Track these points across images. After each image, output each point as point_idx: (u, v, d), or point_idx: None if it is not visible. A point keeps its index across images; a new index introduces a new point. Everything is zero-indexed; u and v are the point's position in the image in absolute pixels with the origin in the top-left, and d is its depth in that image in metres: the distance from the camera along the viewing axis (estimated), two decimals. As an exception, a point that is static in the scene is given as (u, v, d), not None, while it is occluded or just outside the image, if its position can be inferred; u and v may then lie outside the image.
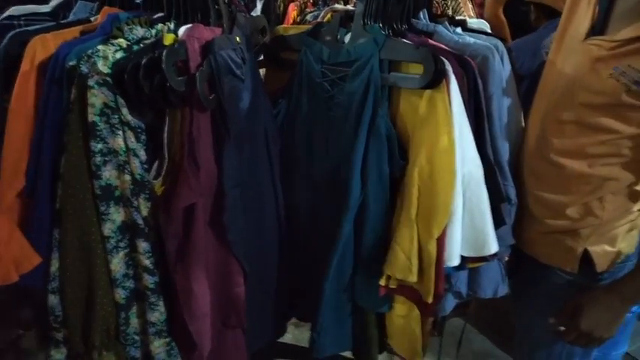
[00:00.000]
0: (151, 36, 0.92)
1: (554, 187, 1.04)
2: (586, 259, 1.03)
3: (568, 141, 1.01)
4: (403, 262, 1.00)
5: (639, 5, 0.91)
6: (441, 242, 0.97)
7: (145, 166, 0.90)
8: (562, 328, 1.03)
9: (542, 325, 1.09)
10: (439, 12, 1.83)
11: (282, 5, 1.66)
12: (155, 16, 0.97)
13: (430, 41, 1.06)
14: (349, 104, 1.04)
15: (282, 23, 1.67)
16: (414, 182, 0.98)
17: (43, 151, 0.89)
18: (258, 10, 1.34)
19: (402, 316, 1.13)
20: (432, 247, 0.98)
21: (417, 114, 0.99)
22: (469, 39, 1.09)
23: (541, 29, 1.57)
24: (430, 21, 1.16)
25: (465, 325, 1.72)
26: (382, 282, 1.05)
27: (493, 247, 1.00)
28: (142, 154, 0.90)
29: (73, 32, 0.95)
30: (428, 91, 0.97)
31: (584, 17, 0.99)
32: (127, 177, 0.88)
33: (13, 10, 1.30)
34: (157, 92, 0.85)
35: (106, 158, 0.87)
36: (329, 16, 1.38)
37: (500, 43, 1.09)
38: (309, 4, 1.66)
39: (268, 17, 1.35)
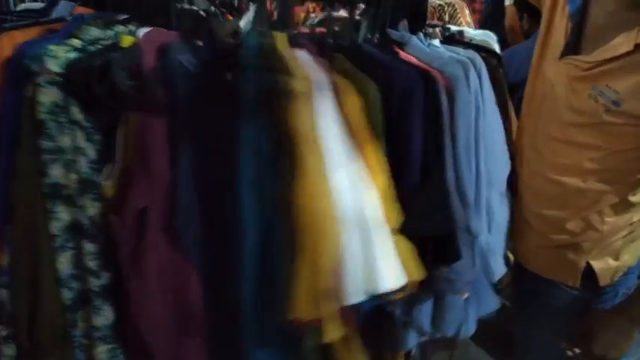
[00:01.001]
0: (107, 37, 0.92)
1: (552, 203, 1.03)
2: (588, 272, 1.03)
3: (560, 158, 1.00)
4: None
5: (609, 25, 0.92)
6: (334, 276, 0.85)
7: (94, 165, 0.90)
8: (576, 351, 1.04)
9: (544, 339, 1.11)
10: (435, 18, 1.82)
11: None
12: (121, 18, 0.97)
13: (401, 52, 1.02)
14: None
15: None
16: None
17: (0, 148, 0.91)
18: (250, 14, 1.32)
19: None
20: (325, 282, 0.85)
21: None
22: (443, 52, 1.03)
23: (535, 36, 1.52)
24: (414, 32, 1.10)
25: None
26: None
27: (383, 285, 0.86)
28: (92, 153, 0.89)
29: (40, 30, 0.96)
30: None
31: (558, 35, 1.00)
32: (74, 176, 0.88)
33: (22, 6, 1.35)
34: (108, 95, 0.85)
35: (54, 156, 0.87)
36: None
37: (478, 59, 1.02)
38: (317, 8, 1.64)
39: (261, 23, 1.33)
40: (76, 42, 0.88)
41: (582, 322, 1.02)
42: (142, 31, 0.91)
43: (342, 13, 1.52)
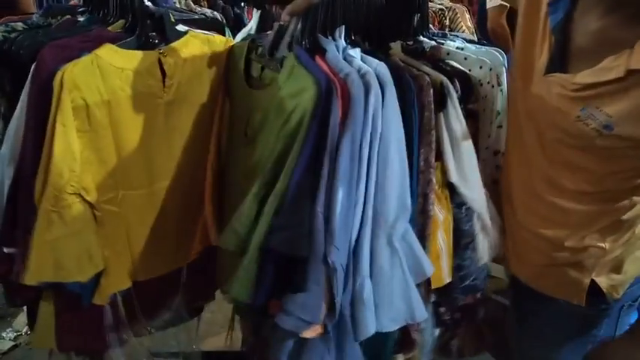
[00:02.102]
0: (49, 24, 1.06)
1: (550, 223, 1.01)
2: (592, 289, 1.00)
3: (553, 179, 0.97)
4: None
5: (594, 44, 0.87)
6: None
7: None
8: None
9: (544, 354, 1.12)
10: (435, 22, 1.77)
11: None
12: (79, 9, 1.11)
13: (317, 59, 0.91)
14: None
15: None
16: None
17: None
18: (254, 21, 1.33)
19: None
20: None
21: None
22: (355, 64, 0.89)
23: None
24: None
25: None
26: None
27: None
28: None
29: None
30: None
31: (540, 49, 0.94)
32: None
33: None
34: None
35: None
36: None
37: (387, 75, 0.86)
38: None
39: (266, 29, 1.34)
40: (19, 25, 1.04)
41: (594, 354, 1.01)
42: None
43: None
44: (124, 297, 1.11)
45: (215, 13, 1.39)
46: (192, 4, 1.70)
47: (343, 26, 0.96)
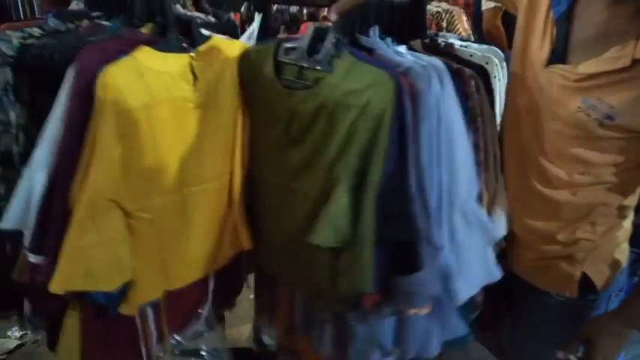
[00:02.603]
0: (68, 29, 1.02)
1: (542, 216, 1.02)
2: (583, 281, 1.02)
3: (548, 171, 0.98)
4: None
5: (599, 35, 0.88)
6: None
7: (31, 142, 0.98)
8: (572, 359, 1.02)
9: (538, 348, 1.13)
10: (433, 25, 1.82)
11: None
12: (93, 14, 1.07)
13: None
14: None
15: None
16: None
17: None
18: (255, 25, 1.34)
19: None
20: None
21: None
22: (409, 58, 0.94)
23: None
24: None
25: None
26: None
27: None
28: (34, 132, 0.98)
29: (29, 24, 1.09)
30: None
31: (542, 41, 0.96)
32: (16, 148, 0.99)
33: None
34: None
35: (5, 127, 0.98)
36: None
37: (441, 66, 0.92)
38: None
39: (266, 33, 1.35)
40: (35, 31, 0.99)
41: (579, 331, 1.01)
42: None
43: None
44: (153, 309, 1.07)
45: (210, 17, 1.38)
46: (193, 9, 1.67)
47: (377, 25, 1.00)
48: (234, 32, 1.25)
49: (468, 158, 0.93)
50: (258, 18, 1.33)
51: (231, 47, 1.09)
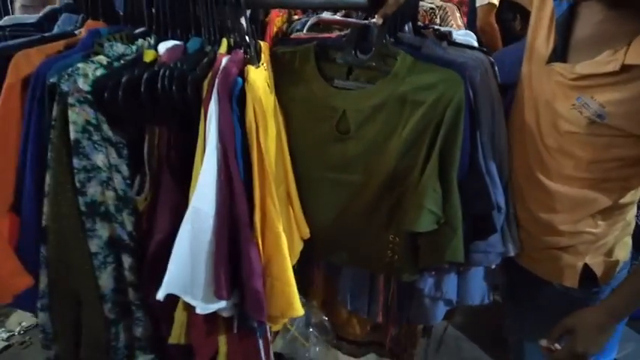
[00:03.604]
0: (132, 52, 0.92)
1: (545, 207, 1.04)
2: (585, 272, 1.04)
3: (547, 163, 1.01)
4: None
5: (595, 36, 0.91)
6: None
7: (128, 181, 0.90)
8: (557, 347, 1.03)
9: (539, 338, 1.09)
10: (426, 21, 1.82)
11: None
12: (136, 31, 0.97)
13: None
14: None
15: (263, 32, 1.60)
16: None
17: (27, 168, 0.90)
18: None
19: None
20: None
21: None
22: (456, 54, 1.07)
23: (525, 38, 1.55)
24: (415, 33, 1.15)
25: (447, 327, 1.70)
26: None
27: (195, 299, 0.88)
28: (125, 169, 0.90)
29: (56, 47, 0.95)
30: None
31: (545, 39, 0.99)
32: (111, 193, 0.89)
33: (4, 21, 1.31)
34: (136, 110, 0.86)
35: (90, 175, 0.87)
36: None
37: (484, 58, 1.08)
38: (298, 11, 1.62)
39: (255, 26, 1.33)
40: (102, 58, 0.88)
41: (564, 319, 1.03)
42: (163, 46, 0.91)
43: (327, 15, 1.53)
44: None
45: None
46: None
47: (410, 22, 1.11)
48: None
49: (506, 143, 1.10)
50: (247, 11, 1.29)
51: (266, 48, 1.11)
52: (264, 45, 1.07)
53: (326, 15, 1.46)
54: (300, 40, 1.18)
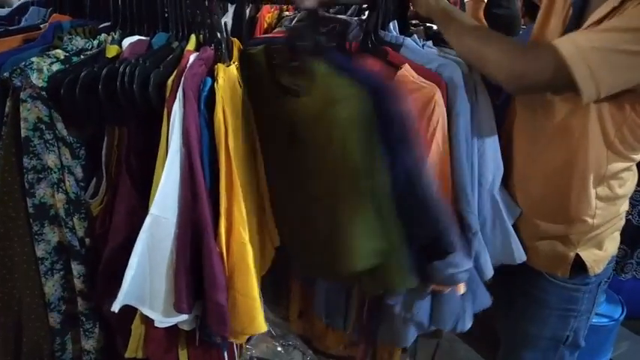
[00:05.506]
0: (92, 47, 0.87)
1: (541, 186, 1.04)
2: (576, 263, 1.05)
3: (540, 153, 1.01)
4: None
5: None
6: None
7: (82, 184, 0.85)
8: None
9: (533, 333, 1.13)
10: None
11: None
12: (101, 26, 0.92)
13: (391, 54, 1.00)
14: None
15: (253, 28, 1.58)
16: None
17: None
18: (229, 15, 1.28)
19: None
20: None
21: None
22: (437, 54, 1.03)
23: (522, 33, 1.56)
24: (402, 32, 1.09)
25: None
26: None
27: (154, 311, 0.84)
28: (79, 171, 0.85)
29: (16, 40, 0.90)
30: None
31: (558, 23, 0.99)
32: (62, 195, 0.83)
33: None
34: (96, 109, 0.81)
35: (40, 175, 0.82)
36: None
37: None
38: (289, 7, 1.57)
39: (240, 23, 1.30)
40: (60, 53, 0.83)
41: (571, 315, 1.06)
42: (128, 41, 0.87)
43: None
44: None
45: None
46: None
47: (395, 20, 1.06)
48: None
49: (495, 141, 1.04)
50: (231, 9, 1.26)
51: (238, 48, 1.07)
52: (236, 42, 1.03)
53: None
54: (267, 39, 1.13)
